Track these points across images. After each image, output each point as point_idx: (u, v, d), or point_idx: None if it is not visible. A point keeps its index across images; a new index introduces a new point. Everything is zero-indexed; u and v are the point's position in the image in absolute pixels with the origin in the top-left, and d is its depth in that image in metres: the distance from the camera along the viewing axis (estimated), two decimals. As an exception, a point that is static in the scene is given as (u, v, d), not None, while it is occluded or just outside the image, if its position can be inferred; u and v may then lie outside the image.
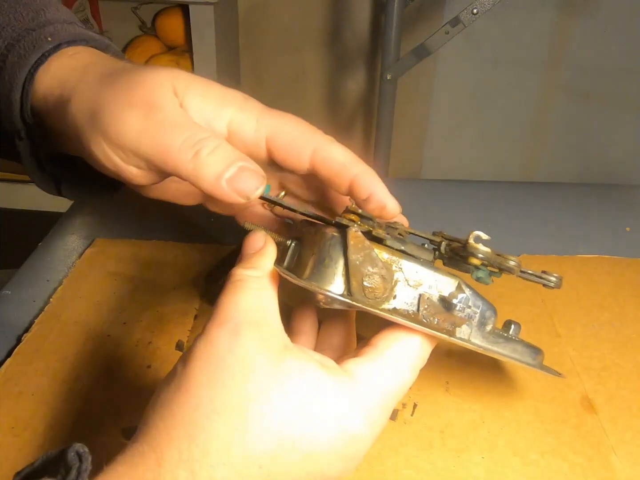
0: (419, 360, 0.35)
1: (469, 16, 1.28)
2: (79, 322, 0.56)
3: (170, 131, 0.33)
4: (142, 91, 0.35)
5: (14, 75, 0.40)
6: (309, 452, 0.30)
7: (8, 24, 0.42)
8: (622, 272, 0.64)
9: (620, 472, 0.43)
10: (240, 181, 0.33)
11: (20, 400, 0.48)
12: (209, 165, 0.33)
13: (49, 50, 0.40)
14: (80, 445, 0.28)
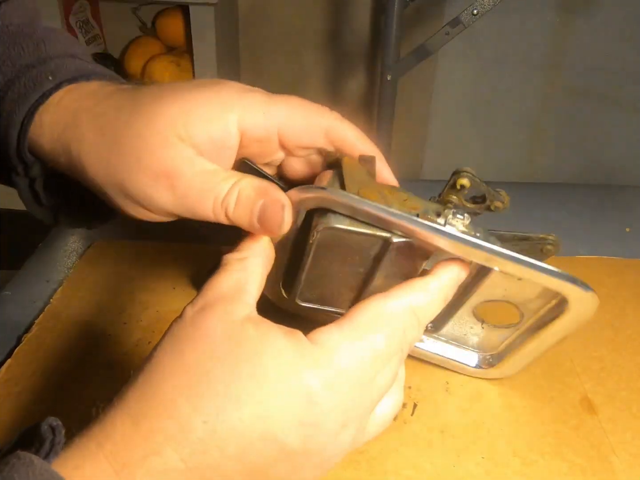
0: (397, 331, 0.33)
1: (469, 17, 1.28)
2: (79, 322, 0.56)
3: (199, 201, 0.37)
4: (156, 158, 0.36)
5: (12, 113, 0.40)
6: (258, 413, 0.29)
7: (8, 58, 0.42)
8: (622, 272, 0.64)
9: (620, 472, 0.43)
10: (267, 222, 0.36)
11: (21, 400, 0.48)
12: (239, 217, 0.36)
13: (49, 90, 0.40)
14: (54, 419, 0.29)
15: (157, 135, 0.36)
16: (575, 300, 0.39)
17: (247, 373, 0.30)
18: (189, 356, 0.30)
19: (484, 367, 0.49)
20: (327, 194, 0.36)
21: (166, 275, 0.62)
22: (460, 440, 0.45)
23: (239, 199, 0.36)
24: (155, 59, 1.76)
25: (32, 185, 0.43)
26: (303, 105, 0.39)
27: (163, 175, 0.36)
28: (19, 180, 0.42)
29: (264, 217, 0.36)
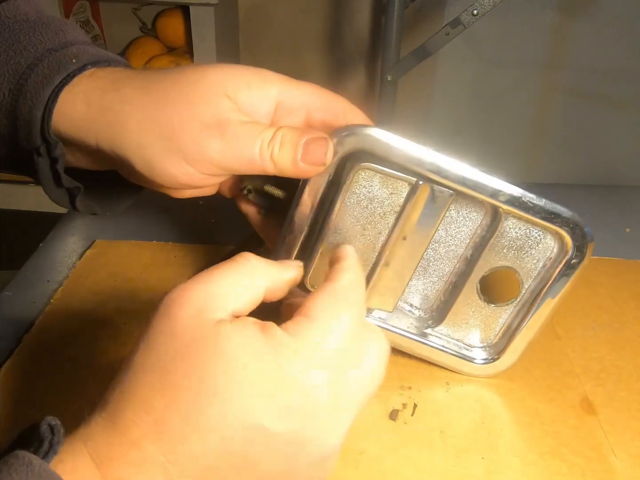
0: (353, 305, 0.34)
1: (469, 17, 1.28)
2: (79, 322, 0.56)
3: (246, 145, 0.39)
4: (207, 109, 0.39)
5: (36, 93, 0.41)
6: (239, 404, 0.29)
7: (29, 44, 0.43)
8: (621, 273, 0.64)
9: (619, 473, 0.43)
10: (311, 155, 0.39)
11: (21, 400, 0.48)
12: (284, 158, 0.39)
13: (74, 71, 0.41)
14: (52, 418, 0.29)
15: (207, 91, 0.40)
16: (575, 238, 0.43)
17: (222, 369, 0.30)
18: (163, 355, 0.31)
19: (485, 360, 0.49)
20: (357, 130, 0.39)
21: (166, 275, 0.62)
22: (461, 440, 0.45)
23: (283, 139, 0.39)
24: (156, 59, 1.76)
25: (53, 166, 0.43)
26: (325, 89, 0.44)
27: (214, 123, 0.39)
28: (40, 161, 0.42)
29: (307, 152, 0.39)
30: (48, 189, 0.44)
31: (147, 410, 0.29)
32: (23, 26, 0.44)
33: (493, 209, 0.43)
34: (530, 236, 0.43)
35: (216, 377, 0.29)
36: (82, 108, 0.41)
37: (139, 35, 1.88)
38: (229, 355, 0.30)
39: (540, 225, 0.42)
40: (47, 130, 0.41)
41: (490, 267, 0.45)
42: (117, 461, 0.29)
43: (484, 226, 0.44)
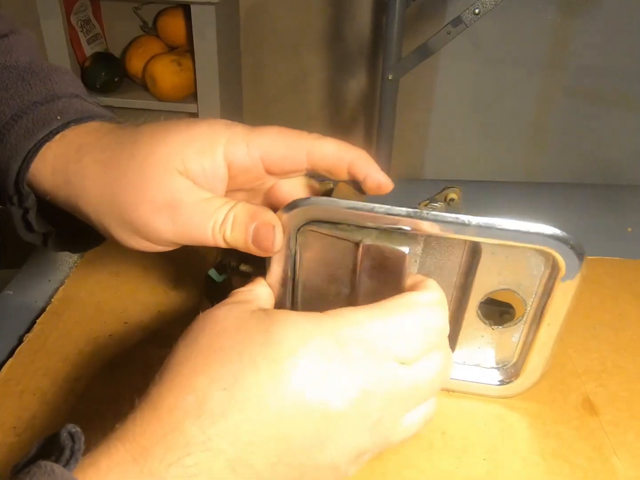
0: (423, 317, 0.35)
1: (471, 16, 1.28)
2: (80, 322, 0.56)
3: (198, 226, 0.39)
4: (159, 190, 0.39)
5: (17, 146, 0.41)
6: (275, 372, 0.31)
7: (16, 94, 0.43)
8: (623, 273, 0.64)
9: (621, 473, 0.43)
10: (260, 242, 0.39)
11: (22, 400, 0.48)
12: (236, 239, 0.39)
13: (57, 128, 0.42)
14: (72, 426, 0.29)
15: (158, 168, 0.39)
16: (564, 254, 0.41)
17: (260, 341, 0.31)
18: (202, 340, 0.33)
19: (507, 380, 0.48)
20: (303, 202, 0.38)
21: (166, 275, 0.62)
22: (462, 441, 0.45)
23: (234, 223, 0.39)
24: (157, 58, 1.76)
25: (25, 215, 0.44)
26: (283, 132, 0.41)
27: (165, 206, 0.38)
28: (13, 209, 0.43)
29: (257, 238, 0.39)
30: (20, 232, 0.45)
31: (189, 391, 0.30)
32: (12, 73, 0.44)
33: (468, 241, 0.42)
34: (517, 258, 0.42)
35: (256, 347, 0.31)
36: (49, 176, 0.41)
37: (139, 34, 1.88)
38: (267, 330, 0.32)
39: (521, 247, 0.41)
40: (21, 182, 0.42)
41: (485, 292, 0.44)
42: (157, 447, 0.29)
43: (467, 256, 0.43)
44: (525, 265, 0.43)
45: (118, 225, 0.40)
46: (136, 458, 0.29)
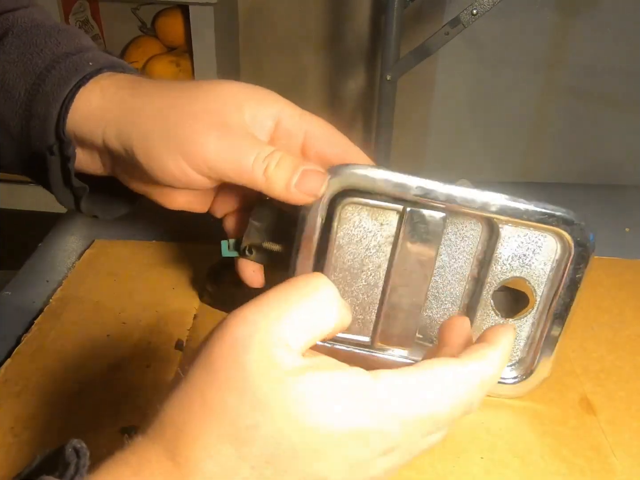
0: (463, 404, 0.31)
1: (469, 17, 1.28)
2: (78, 322, 0.56)
3: (243, 151, 0.39)
4: (214, 112, 0.41)
5: (53, 93, 0.42)
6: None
7: (46, 47, 0.44)
8: (621, 273, 0.64)
9: (619, 473, 0.43)
10: (306, 184, 0.39)
11: (20, 400, 0.48)
12: (278, 176, 0.39)
13: (90, 73, 0.42)
14: (78, 441, 0.28)
15: (219, 97, 0.41)
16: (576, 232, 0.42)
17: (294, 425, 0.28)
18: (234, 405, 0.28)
19: (520, 376, 0.47)
20: (342, 169, 0.39)
21: (166, 275, 0.62)
22: (460, 440, 0.45)
23: (281, 160, 0.39)
24: (155, 59, 1.76)
25: (63, 165, 0.44)
26: (328, 124, 0.44)
27: (217, 124, 0.40)
28: (52, 159, 0.43)
29: (303, 180, 0.39)
30: (56, 188, 0.45)
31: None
32: (40, 31, 0.45)
33: (488, 222, 0.43)
34: (530, 241, 0.43)
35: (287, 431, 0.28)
36: (97, 100, 0.42)
37: (138, 34, 1.88)
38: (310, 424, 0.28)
39: (537, 228, 0.42)
40: (61, 129, 0.42)
41: (499, 281, 0.44)
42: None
43: (483, 241, 0.44)
44: (537, 250, 0.43)
45: (164, 143, 0.40)
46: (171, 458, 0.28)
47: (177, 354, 0.52)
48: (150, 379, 0.50)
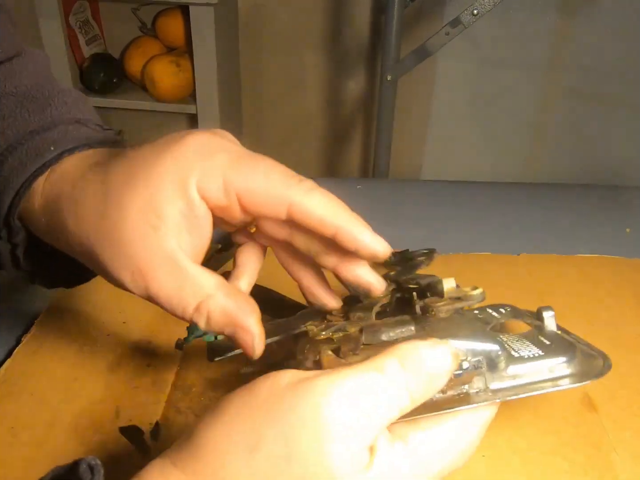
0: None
1: (469, 17, 1.28)
2: (78, 322, 0.56)
3: (171, 304, 0.35)
4: (132, 256, 0.35)
5: (10, 180, 0.40)
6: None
7: (13, 123, 0.42)
8: (622, 271, 0.64)
9: (620, 470, 0.43)
10: (238, 344, 0.35)
11: (20, 400, 0.48)
12: (211, 329, 0.35)
13: (50, 160, 0.40)
14: (92, 458, 0.28)
15: (132, 231, 0.35)
16: None
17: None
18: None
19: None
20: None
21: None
22: (461, 439, 0.45)
23: (208, 318, 0.35)
24: (155, 59, 1.76)
25: (13, 250, 0.43)
26: (269, 171, 0.35)
27: (137, 271, 0.35)
28: (1, 244, 0.42)
29: (234, 338, 0.35)
30: (7, 269, 0.44)
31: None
32: (10, 100, 0.43)
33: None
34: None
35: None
36: (40, 206, 0.39)
37: (138, 35, 1.88)
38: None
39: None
40: (12, 217, 0.40)
41: None
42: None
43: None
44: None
45: (109, 262, 0.36)
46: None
47: (177, 352, 0.52)
48: (150, 377, 0.50)
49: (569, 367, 0.36)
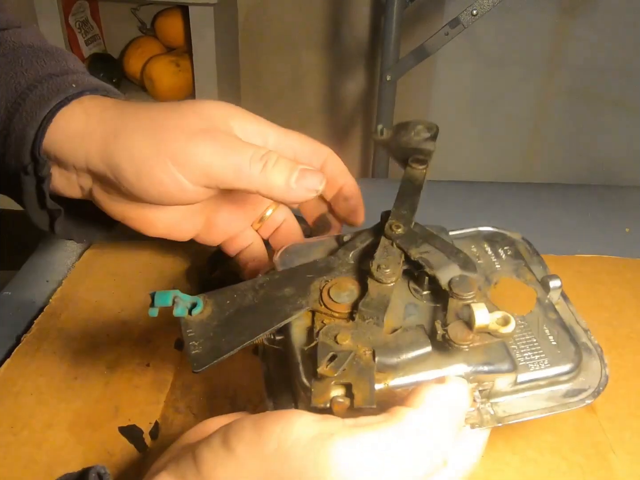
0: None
1: (469, 17, 1.28)
2: (78, 322, 0.56)
3: (238, 151, 0.39)
4: (205, 121, 0.41)
5: (32, 112, 0.41)
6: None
7: (31, 67, 0.43)
8: (621, 271, 0.64)
9: (618, 471, 0.43)
10: (306, 180, 0.39)
11: (19, 399, 0.48)
12: (277, 174, 0.39)
13: (72, 95, 0.42)
14: (102, 467, 0.28)
15: (203, 115, 0.41)
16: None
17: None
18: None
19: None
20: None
21: (164, 275, 0.62)
22: (459, 438, 0.45)
23: (278, 159, 0.39)
24: (155, 59, 1.76)
25: (38, 185, 0.43)
26: (310, 138, 0.46)
27: (206, 129, 0.40)
28: (26, 179, 0.43)
29: (303, 176, 0.39)
30: (30, 208, 0.45)
31: None
32: (26, 51, 0.45)
33: None
34: None
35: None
36: (81, 120, 0.41)
37: (138, 35, 1.88)
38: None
39: None
40: (37, 149, 0.41)
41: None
42: None
43: None
44: None
45: (153, 153, 0.40)
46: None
47: (176, 352, 0.52)
48: (150, 377, 0.50)
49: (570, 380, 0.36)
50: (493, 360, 0.33)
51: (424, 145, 0.41)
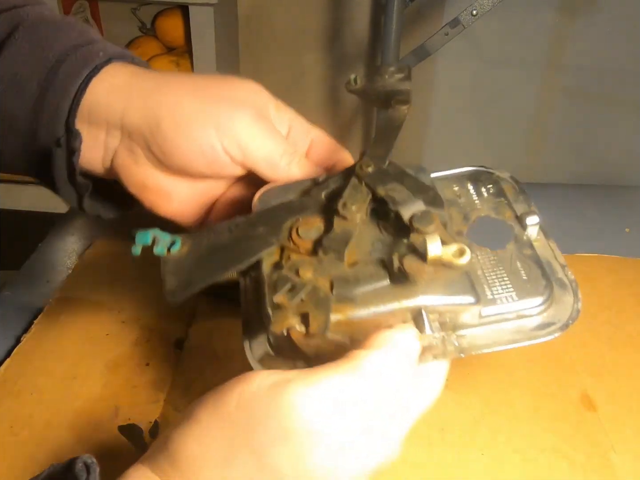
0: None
1: (469, 17, 1.28)
2: (78, 321, 0.56)
3: (276, 141, 0.43)
4: (247, 100, 0.44)
5: (66, 85, 0.42)
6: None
7: (56, 41, 0.44)
8: (622, 270, 0.64)
9: (619, 469, 0.43)
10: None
11: (19, 399, 0.48)
12: (297, 171, 0.43)
13: (101, 64, 0.43)
14: (88, 456, 0.29)
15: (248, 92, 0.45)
16: None
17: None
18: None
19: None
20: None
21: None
22: (460, 437, 0.45)
23: (300, 162, 0.43)
24: (155, 59, 1.76)
25: (69, 157, 0.44)
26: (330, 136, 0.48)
27: (251, 109, 0.43)
28: (58, 153, 0.43)
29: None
30: (60, 183, 0.45)
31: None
32: (49, 25, 0.45)
33: None
34: None
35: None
36: (125, 75, 0.43)
37: (138, 35, 1.88)
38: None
39: None
40: (72, 120, 0.42)
41: None
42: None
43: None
44: None
45: (197, 111, 0.41)
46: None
47: (176, 352, 0.52)
48: (149, 376, 0.50)
49: (539, 314, 0.36)
50: (453, 293, 0.34)
51: (400, 85, 0.44)
